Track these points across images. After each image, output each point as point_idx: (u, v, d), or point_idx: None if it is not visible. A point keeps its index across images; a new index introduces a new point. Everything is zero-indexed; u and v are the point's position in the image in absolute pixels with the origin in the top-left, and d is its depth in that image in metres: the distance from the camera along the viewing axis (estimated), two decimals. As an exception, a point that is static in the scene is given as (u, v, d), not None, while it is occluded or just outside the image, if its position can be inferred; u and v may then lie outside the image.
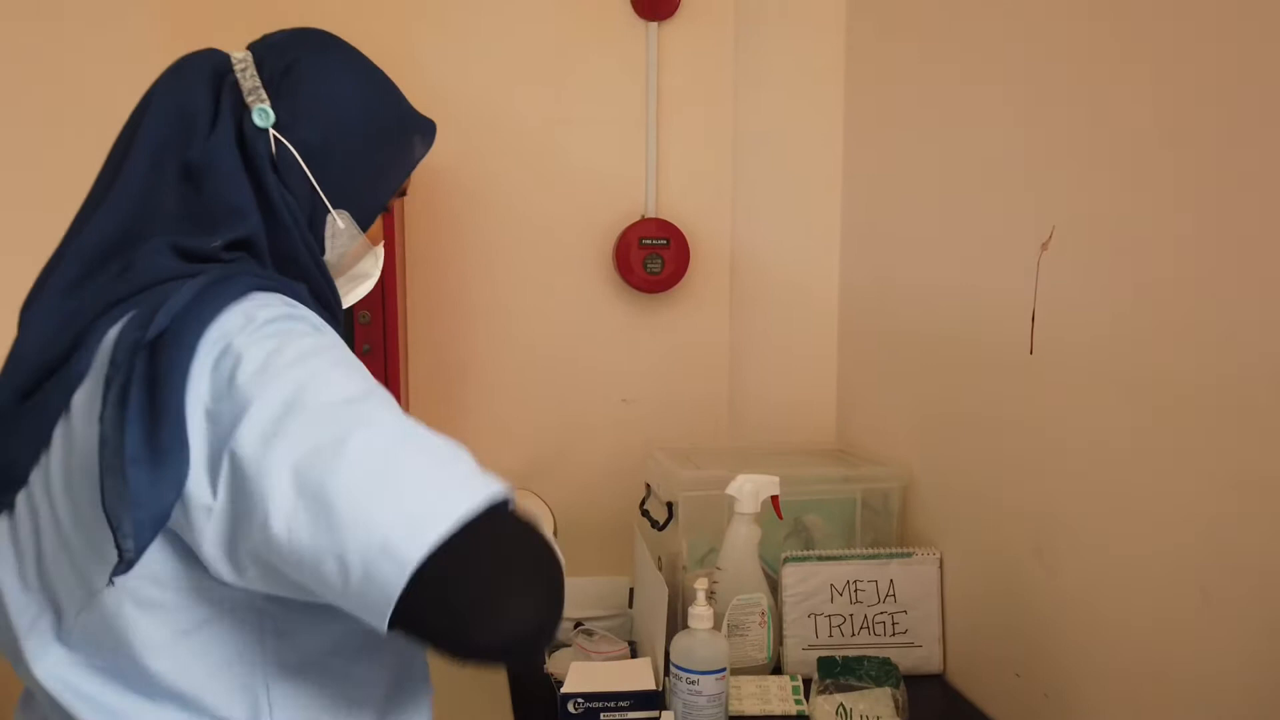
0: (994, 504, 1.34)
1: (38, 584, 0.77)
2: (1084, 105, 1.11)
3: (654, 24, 1.81)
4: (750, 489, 1.41)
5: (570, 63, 1.82)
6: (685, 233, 1.84)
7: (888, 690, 1.25)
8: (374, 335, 1.61)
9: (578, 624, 1.50)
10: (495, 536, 0.67)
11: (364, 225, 0.89)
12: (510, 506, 0.70)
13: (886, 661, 1.29)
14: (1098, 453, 1.10)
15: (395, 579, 0.64)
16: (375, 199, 0.89)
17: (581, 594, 1.51)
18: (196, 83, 0.83)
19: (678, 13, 1.81)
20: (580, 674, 1.29)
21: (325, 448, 0.66)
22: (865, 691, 1.25)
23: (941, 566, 1.47)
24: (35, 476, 0.76)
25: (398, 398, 1.64)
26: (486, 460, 0.72)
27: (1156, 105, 1.00)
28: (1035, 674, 1.24)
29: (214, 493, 0.69)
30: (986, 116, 1.34)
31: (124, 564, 0.68)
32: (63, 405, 0.74)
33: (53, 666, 0.76)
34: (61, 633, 0.77)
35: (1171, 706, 1.00)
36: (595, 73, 1.82)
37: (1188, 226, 0.95)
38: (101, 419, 0.69)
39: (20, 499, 0.78)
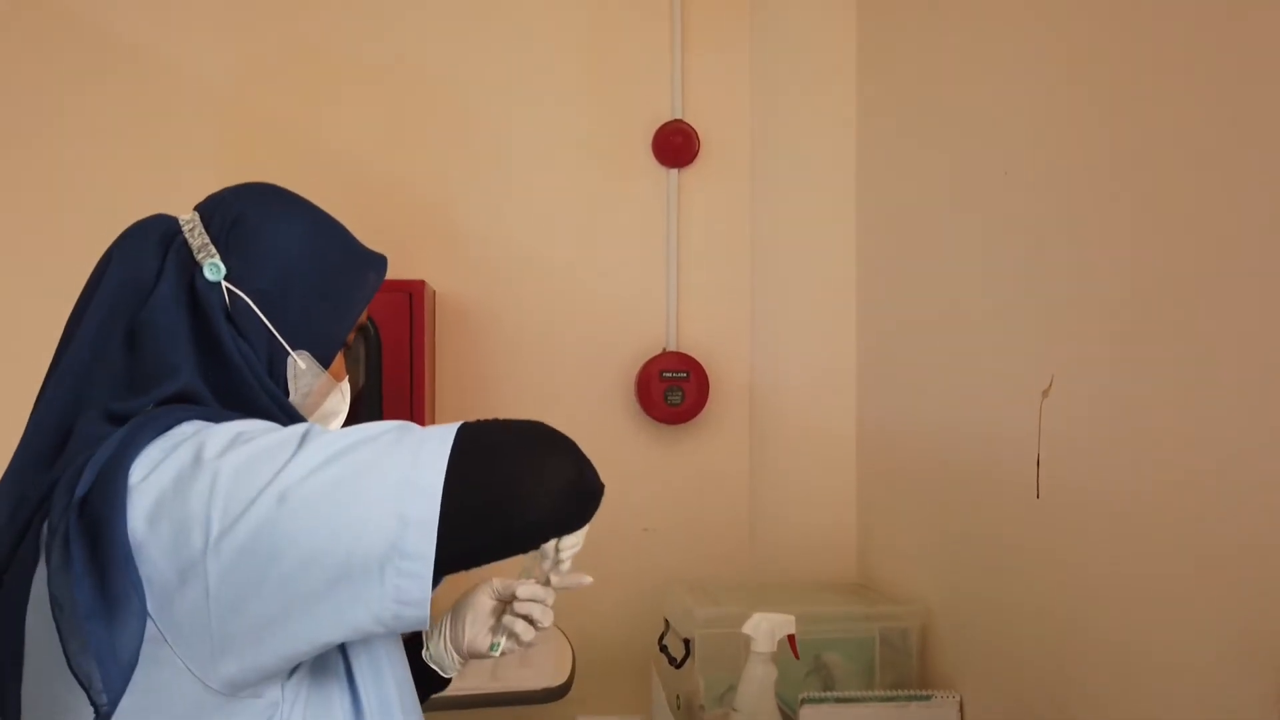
0: (1011, 645, 1.33)
1: None
2: (1077, 259, 1.16)
3: (674, 170, 1.91)
4: (766, 628, 1.41)
5: (596, 206, 1.92)
6: (705, 366, 1.89)
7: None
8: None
9: (593, 763, 1.48)
10: (489, 438, 0.78)
11: (325, 363, 0.90)
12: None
13: (904, 812, 1.27)
14: (1107, 596, 1.10)
15: (428, 508, 0.70)
16: (334, 337, 0.91)
17: (597, 733, 1.50)
18: (144, 248, 0.84)
19: (697, 160, 1.91)
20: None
21: (315, 463, 0.72)
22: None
23: (962, 709, 1.44)
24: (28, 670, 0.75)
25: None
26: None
27: (1142, 261, 1.04)
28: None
29: (205, 582, 0.70)
30: (990, 263, 1.39)
31: (101, 718, 0.68)
32: (25, 596, 0.72)
33: None
34: None
35: None
36: (619, 215, 1.92)
37: (1179, 374, 0.98)
38: (50, 584, 0.69)
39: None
